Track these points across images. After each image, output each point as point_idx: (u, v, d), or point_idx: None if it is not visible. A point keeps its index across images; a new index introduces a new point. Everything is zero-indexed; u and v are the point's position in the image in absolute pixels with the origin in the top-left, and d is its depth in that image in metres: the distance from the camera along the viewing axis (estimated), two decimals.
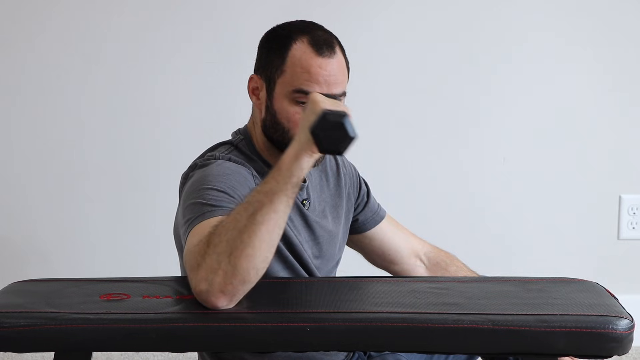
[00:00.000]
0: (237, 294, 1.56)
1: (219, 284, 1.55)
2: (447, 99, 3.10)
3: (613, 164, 3.16)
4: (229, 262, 1.54)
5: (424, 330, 1.55)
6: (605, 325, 1.54)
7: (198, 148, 1.97)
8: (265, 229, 1.56)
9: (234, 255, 1.54)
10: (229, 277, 1.54)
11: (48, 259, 3.11)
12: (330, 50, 1.82)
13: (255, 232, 1.55)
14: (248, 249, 1.54)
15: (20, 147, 3.08)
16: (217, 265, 1.54)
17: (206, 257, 1.56)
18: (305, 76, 1.80)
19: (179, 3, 3.03)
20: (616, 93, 3.14)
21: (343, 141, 1.55)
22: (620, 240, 3.19)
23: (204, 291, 1.56)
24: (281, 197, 1.57)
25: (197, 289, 1.57)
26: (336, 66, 1.82)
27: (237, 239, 1.55)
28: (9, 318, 1.54)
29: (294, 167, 1.58)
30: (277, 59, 1.83)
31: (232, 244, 1.54)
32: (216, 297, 1.55)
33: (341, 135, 1.55)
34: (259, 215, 1.56)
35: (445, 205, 3.14)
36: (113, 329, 1.54)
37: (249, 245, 1.54)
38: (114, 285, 1.71)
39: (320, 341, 1.56)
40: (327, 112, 1.56)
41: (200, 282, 1.56)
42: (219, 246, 1.55)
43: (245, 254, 1.54)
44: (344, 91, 1.85)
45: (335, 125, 1.55)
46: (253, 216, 1.56)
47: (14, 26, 3.02)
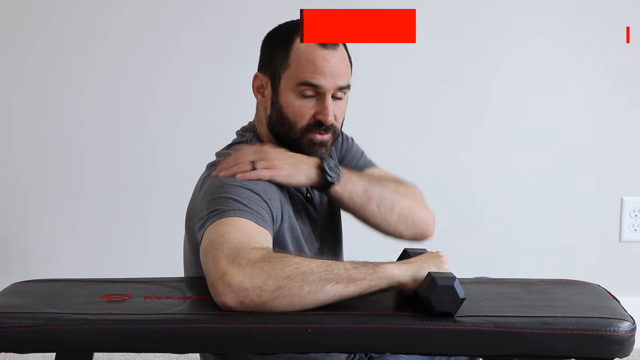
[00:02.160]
0: (250, 308, 1.55)
1: (245, 297, 1.54)
2: (448, 99, 3.10)
3: (615, 166, 3.16)
4: (272, 291, 1.54)
5: (425, 332, 1.55)
6: (606, 328, 1.54)
7: (200, 148, 1.97)
8: (323, 299, 1.56)
9: (281, 292, 1.54)
10: (259, 299, 1.54)
11: (49, 259, 3.10)
12: (333, 43, 1.83)
13: (314, 293, 1.55)
14: (296, 300, 1.54)
15: (21, 148, 3.08)
16: (262, 283, 1.54)
17: (255, 267, 1.54)
18: (311, 68, 1.81)
19: (178, 3, 3.03)
20: (618, 95, 3.13)
21: (453, 303, 1.58)
22: (622, 242, 3.19)
23: (226, 293, 1.54)
24: (358, 291, 1.58)
25: (223, 280, 1.55)
26: (340, 59, 1.83)
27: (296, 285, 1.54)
28: (10, 318, 1.54)
29: (384, 284, 1.60)
30: (281, 54, 1.84)
31: (288, 283, 1.54)
32: (233, 301, 1.54)
33: (452, 297, 1.58)
34: (328, 287, 1.56)
35: (446, 206, 3.13)
36: (114, 329, 1.54)
37: (300, 297, 1.54)
38: (115, 286, 1.71)
39: (321, 343, 1.56)
40: (436, 275, 1.59)
41: (232, 278, 1.54)
42: (275, 270, 1.54)
43: (290, 300, 1.54)
44: (348, 84, 1.85)
45: (445, 289, 1.58)
46: (323, 282, 1.56)
47: (14, 26, 3.02)
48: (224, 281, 1.54)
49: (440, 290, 1.57)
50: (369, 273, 1.59)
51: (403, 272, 1.61)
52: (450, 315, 1.57)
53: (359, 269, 1.59)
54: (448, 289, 1.57)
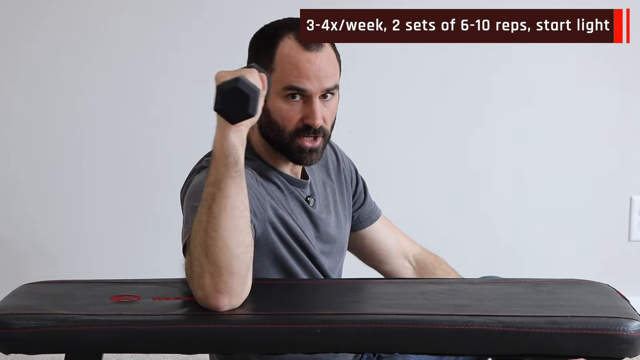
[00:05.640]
0: (234, 289, 1.57)
1: (210, 286, 1.56)
2: (449, 99, 3.10)
3: (624, 165, 3.15)
4: (208, 262, 1.56)
5: (434, 332, 1.55)
6: (616, 327, 1.54)
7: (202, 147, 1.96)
8: (225, 217, 1.56)
9: (210, 253, 1.56)
10: (216, 276, 1.56)
11: (55, 261, 3.11)
12: (318, 44, 1.81)
13: (217, 224, 1.56)
14: (219, 242, 1.56)
15: (28, 151, 3.08)
16: (201, 269, 1.56)
17: (192, 266, 1.58)
18: (295, 72, 1.79)
19: (178, 3, 3.04)
20: (627, 93, 3.13)
21: (245, 104, 1.54)
22: (631, 241, 3.18)
23: (202, 298, 1.57)
24: (227, 181, 1.57)
25: (197, 298, 1.59)
26: (325, 60, 1.81)
27: (205, 237, 1.56)
28: (19, 320, 1.54)
29: (225, 149, 1.58)
30: (266, 58, 1.82)
31: (204, 244, 1.56)
32: (215, 298, 1.57)
33: (241, 99, 1.55)
34: (214, 207, 1.56)
35: (453, 206, 3.14)
36: (124, 330, 1.55)
37: (217, 238, 1.56)
38: (124, 287, 1.72)
39: (330, 343, 1.56)
40: (220, 84, 1.56)
41: (196, 291, 1.58)
42: (195, 251, 1.57)
43: (218, 248, 1.56)
44: (336, 84, 1.83)
45: (230, 93, 1.54)
46: (210, 210, 1.57)
47: (10, 26, 3.03)
48: (199, 299, 1.59)
49: (226, 96, 1.53)
50: (213, 164, 1.58)
51: (217, 128, 1.58)
52: (250, 116, 1.54)
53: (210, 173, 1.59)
54: (232, 92, 1.53)
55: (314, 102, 1.80)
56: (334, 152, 2.04)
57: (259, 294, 1.62)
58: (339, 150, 2.05)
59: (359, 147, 2.57)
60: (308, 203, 1.91)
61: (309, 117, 1.80)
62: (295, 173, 1.90)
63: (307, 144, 1.82)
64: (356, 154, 2.14)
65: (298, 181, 1.89)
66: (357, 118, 2.94)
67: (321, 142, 1.84)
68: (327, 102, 1.83)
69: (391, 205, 2.22)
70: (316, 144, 1.83)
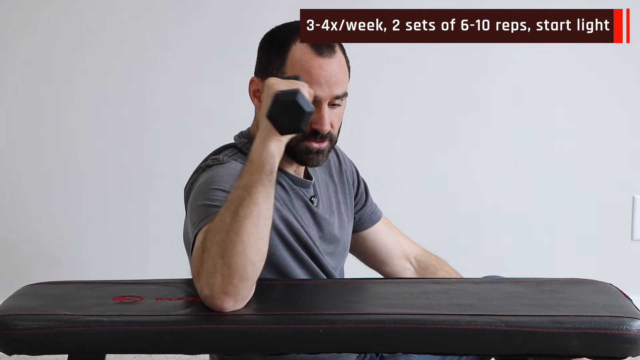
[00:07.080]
0: (241, 293, 1.57)
1: (219, 287, 1.56)
2: (454, 99, 3.10)
3: (627, 165, 3.15)
4: (223, 263, 1.55)
5: (437, 332, 1.55)
6: (619, 326, 1.54)
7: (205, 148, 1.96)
8: (250, 223, 1.56)
9: (226, 255, 1.55)
10: (227, 278, 1.56)
11: (58, 262, 3.11)
12: (330, 50, 1.80)
13: (241, 228, 1.56)
14: (238, 246, 1.55)
15: (30, 152, 3.09)
16: (214, 268, 1.56)
17: (203, 263, 1.58)
18: (306, 77, 1.76)
19: (178, 3, 3.04)
20: (630, 92, 3.13)
21: (299, 118, 1.55)
22: (634, 240, 3.18)
23: (208, 296, 1.57)
24: (258, 188, 1.58)
25: (201, 295, 1.59)
26: (337, 66, 1.81)
27: (225, 238, 1.56)
28: (22, 320, 1.55)
29: (263, 156, 1.59)
30: (278, 60, 1.81)
31: (222, 245, 1.56)
32: (220, 299, 1.57)
33: (296, 113, 1.55)
34: (240, 210, 1.56)
35: (456, 205, 3.14)
36: (126, 331, 1.55)
37: (238, 242, 1.56)
38: (126, 288, 1.72)
39: (333, 343, 1.56)
40: (279, 93, 1.56)
41: (203, 288, 1.58)
42: (211, 250, 1.57)
43: (236, 252, 1.55)
44: (345, 91, 1.83)
45: (288, 104, 1.55)
46: (236, 213, 1.57)
47: (8, 26, 3.03)
48: (204, 297, 1.59)
49: (283, 107, 1.54)
50: (248, 168, 1.59)
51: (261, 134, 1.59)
52: (300, 130, 1.56)
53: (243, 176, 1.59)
54: (289, 104, 1.54)
55: (323, 108, 1.80)
56: (335, 154, 2.04)
57: (262, 294, 1.62)
58: (340, 152, 2.05)
59: (359, 147, 2.57)
60: (312, 203, 1.91)
61: (318, 123, 1.80)
62: (298, 173, 1.90)
63: (315, 145, 1.82)
64: (356, 153, 2.14)
65: (302, 181, 1.89)
66: (357, 118, 2.94)
67: (328, 145, 1.84)
68: (335, 108, 1.83)
69: (392, 205, 2.22)
70: (323, 145, 1.83)
